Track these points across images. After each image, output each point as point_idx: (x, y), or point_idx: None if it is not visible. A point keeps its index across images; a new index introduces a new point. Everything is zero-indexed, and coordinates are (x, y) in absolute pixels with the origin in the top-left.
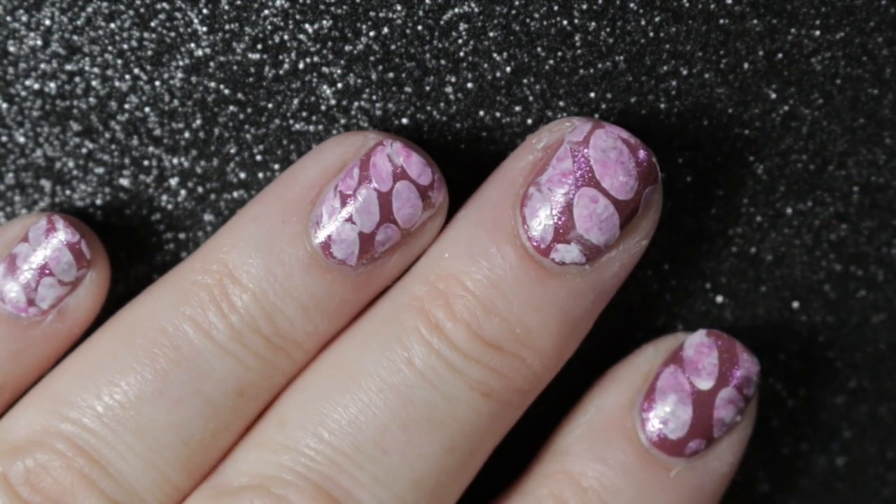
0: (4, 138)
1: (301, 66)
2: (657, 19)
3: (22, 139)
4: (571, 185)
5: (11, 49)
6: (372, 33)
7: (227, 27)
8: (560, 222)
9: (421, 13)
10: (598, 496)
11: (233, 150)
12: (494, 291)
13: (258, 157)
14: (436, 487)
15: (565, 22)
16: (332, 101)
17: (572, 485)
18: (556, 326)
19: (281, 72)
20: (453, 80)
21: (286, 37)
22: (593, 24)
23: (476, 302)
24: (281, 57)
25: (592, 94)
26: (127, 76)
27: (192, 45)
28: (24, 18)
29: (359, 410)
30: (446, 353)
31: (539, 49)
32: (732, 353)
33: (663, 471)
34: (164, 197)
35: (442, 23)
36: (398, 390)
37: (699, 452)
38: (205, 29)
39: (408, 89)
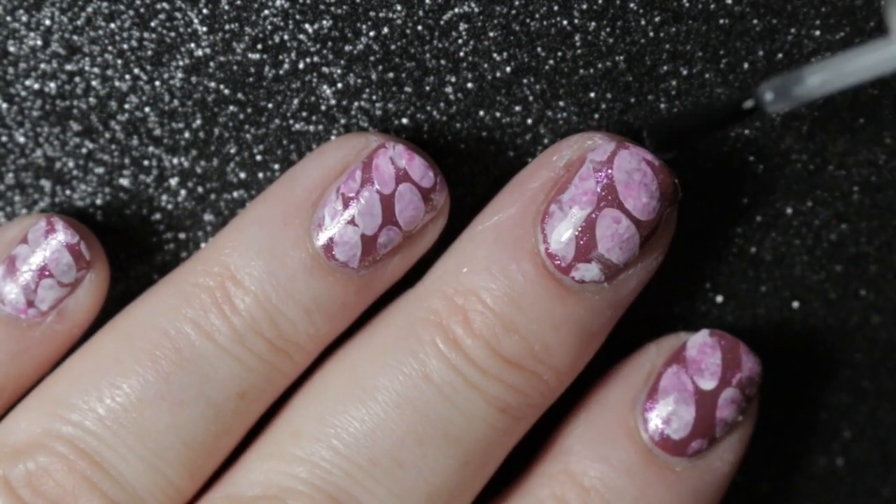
0: (4, 138)
1: (301, 66)
2: (657, 19)
3: (22, 139)
4: (594, 205)
5: (11, 49)
6: (372, 33)
7: (227, 27)
8: (582, 242)
9: (421, 13)
10: (600, 496)
11: (233, 150)
12: (514, 309)
13: (258, 157)
14: (449, 500)
15: (565, 22)
16: (332, 101)
17: (574, 485)
18: (573, 344)
19: (281, 72)
20: (453, 80)
21: (286, 37)
22: (593, 24)
23: (495, 319)
24: (281, 57)
25: (592, 94)
26: (127, 76)
27: (192, 45)
28: (24, 18)
29: (375, 424)
30: (464, 368)
31: (539, 49)
32: (735, 354)
33: (666, 470)
34: (164, 197)
35: (442, 23)
36: (415, 405)
37: (701, 452)
38: (205, 29)
39: (408, 89)
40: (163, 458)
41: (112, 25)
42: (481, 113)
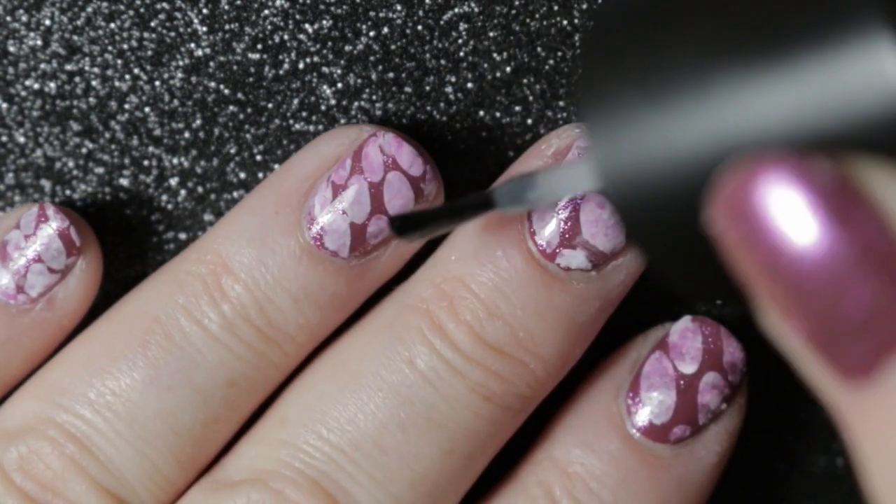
0: (4, 138)
1: (301, 66)
2: None
3: (22, 139)
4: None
5: (11, 49)
6: (372, 33)
7: (227, 27)
8: (566, 227)
9: (421, 13)
10: (583, 482)
11: (233, 150)
12: (498, 294)
13: (258, 157)
14: (433, 489)
15: (565, 22)
16: (332, 101)
17: (557, 472)
18: (559, 332)
19: (281, 72)
20: (453, 80)
21: (286, 37)
22: (593, 24)
23: (479, 304)
24: (281, 57)
25: None
26: (127, 76)
27: (192, 45)
28: (24, 18)
29: (357, 409)
30: (448, 354)
31: (539, 49)
32: (717, 339)
33: (649, 457)
34: (164, 197)
35: (442, 23)
36: (398, 390)
37: (685, 440)
38: (205, 29)
39: (408, 89)
40: (150, 444)
41: (112, 25)
42: (481, 113)
